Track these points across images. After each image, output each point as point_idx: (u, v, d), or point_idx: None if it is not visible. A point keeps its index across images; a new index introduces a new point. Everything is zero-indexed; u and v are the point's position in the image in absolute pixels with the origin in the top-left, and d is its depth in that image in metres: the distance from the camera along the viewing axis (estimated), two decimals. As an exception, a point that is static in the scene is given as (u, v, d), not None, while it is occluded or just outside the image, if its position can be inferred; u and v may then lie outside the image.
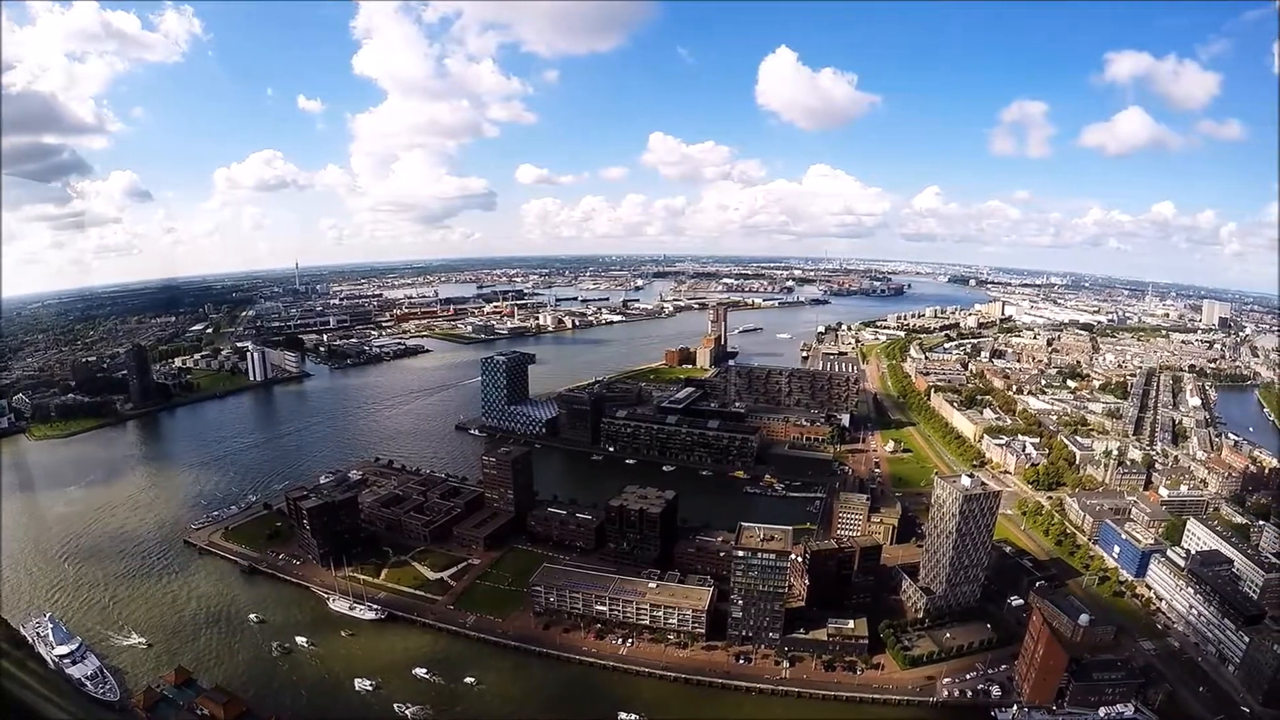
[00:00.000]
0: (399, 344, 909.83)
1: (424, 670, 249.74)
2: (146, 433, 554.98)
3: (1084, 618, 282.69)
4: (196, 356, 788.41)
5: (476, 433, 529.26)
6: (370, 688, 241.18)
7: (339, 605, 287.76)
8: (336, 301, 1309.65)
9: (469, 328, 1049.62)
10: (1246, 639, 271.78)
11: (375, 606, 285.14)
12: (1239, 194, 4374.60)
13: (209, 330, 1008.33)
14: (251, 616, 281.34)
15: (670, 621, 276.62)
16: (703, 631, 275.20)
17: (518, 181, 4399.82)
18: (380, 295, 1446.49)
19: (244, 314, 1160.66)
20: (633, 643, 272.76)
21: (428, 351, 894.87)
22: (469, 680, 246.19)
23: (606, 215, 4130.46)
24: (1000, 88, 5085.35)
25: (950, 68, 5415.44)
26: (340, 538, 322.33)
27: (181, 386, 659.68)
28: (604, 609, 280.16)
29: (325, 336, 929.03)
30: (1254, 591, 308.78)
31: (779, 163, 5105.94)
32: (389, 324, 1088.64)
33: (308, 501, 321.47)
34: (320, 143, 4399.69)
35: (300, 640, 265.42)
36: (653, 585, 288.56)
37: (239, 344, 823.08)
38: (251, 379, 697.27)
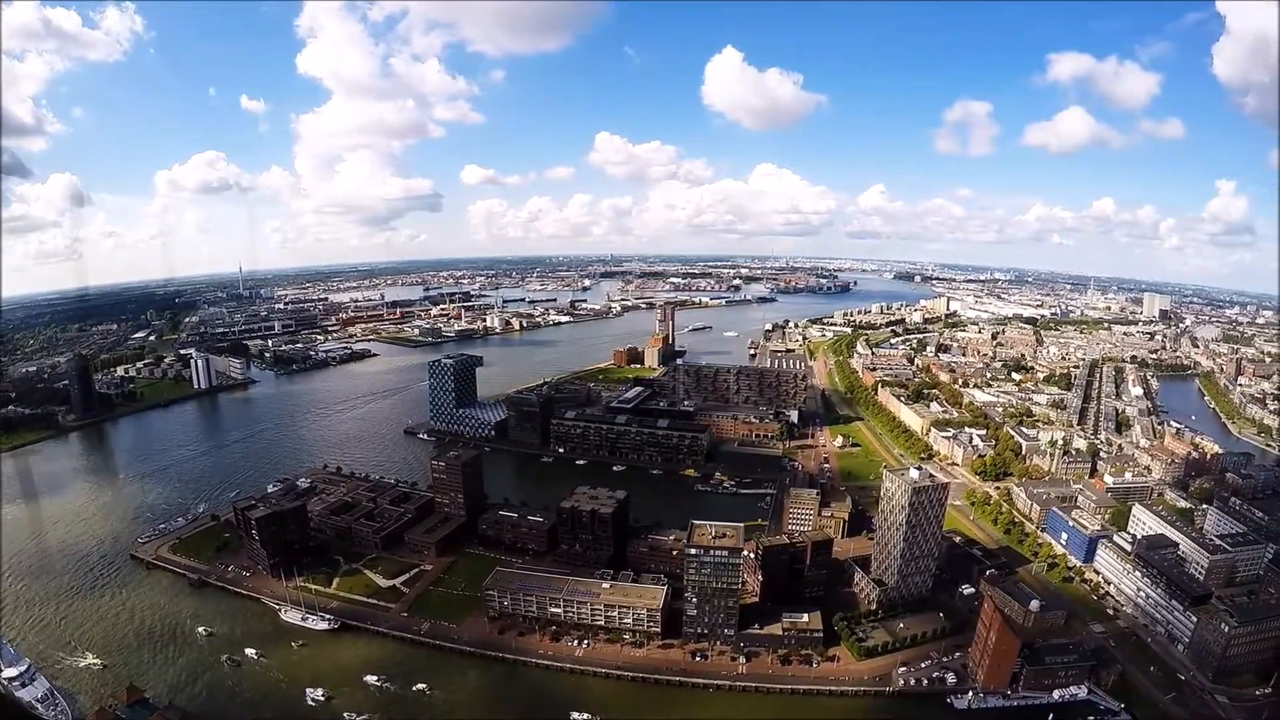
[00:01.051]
0: (345, 348, 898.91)
1: (375, 678, 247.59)
2: (90, 445, 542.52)
3: (1035, 604, 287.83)
4: (140, 365, 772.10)
5: (425, 437, 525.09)
6: (322, 698, 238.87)
7: (291, 616, 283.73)
8: (281, 306, 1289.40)
9: (416, 331, 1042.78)
10: (1194, 619, 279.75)
11: (328, 616, 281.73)
12: (1178, 190, 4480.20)
13: (152, 338, 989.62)
14: (200, 630, 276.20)
15: (625, 621, 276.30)
16: (658, 630, 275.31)
17: (463, 182, 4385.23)
18: (326, 299, 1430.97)
19: (187, 320, 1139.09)
20: (588, 644, 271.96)
21: (374, 355, 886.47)
22: (420, 687, 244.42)
23: (553, 216, 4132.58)
24: (944, 88, 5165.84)
25: (895, 68, 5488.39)
26: (290, 547, 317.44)
27: (125, 396, 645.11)
28: (558, 611, 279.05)
29: (270, 342, 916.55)
30: (1199, 573, 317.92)
31: (725, 162, 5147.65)
32: (335, 328, 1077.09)
33: (256, 511, 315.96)
34: (263, 144, 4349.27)
35: (250, 652, 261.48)
36: (606, 586, 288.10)
37: (182, 351, 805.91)
38: (196, 387, 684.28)
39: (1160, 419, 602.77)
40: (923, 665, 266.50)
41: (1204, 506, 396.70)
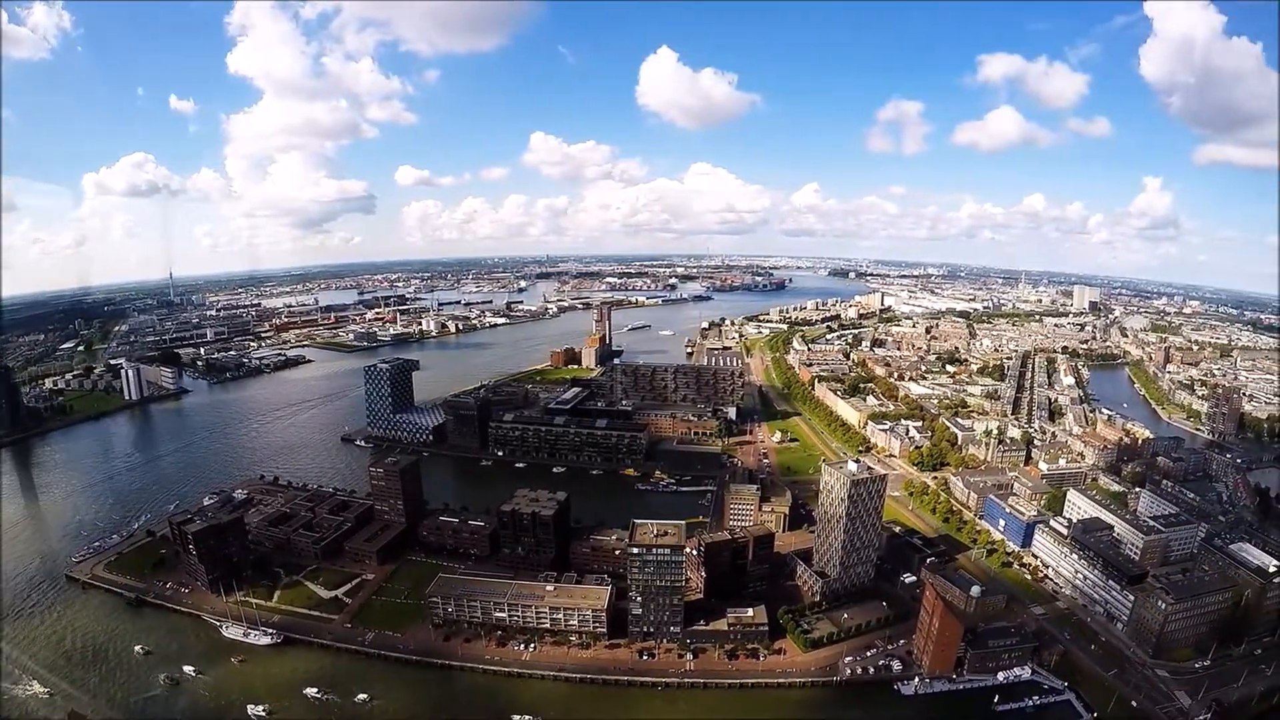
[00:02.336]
0: (279, 355, 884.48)
1: (315, 690, 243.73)
2: (19, 461, 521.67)
3: (975, 589, 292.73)
4: (69, 377, 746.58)
5: (363, 443, 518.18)
6: (262, 713, 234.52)
7: (232, 632, 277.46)
8: (213, 313, 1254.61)
9: (351, 335, 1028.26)
10: (1131, 597, 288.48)
11: (270, 630, 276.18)
12: (1106, 187, 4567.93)
13: (80, 348, 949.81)
14: (137, 648, 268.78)
15: (571, 623, 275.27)
16: (604, 630, 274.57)
17: (398, 183, 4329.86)
18: (259, 305, 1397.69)
19: (117, 329, 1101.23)
20: (535, 647, 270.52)
21: (309, 362, 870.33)
22: (362, 697, 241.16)
23: (488, 217, 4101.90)
24: (877, 87, 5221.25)
25: (828, 68, 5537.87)
26: (228, 561, 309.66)
27: (54, 410, 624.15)
28: (503, 615, 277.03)
29: (202, 350, 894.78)
30: (1134, 553, 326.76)
31: (660, 161, 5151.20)
32: (268, 334, 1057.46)
33: (192, 525, 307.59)
34: (193, 145, 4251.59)
35: (189, 670, 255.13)
36: (550, 588, 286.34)
37: (112, 361, 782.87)
38: (127, 398, 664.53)
39: (1092, 407, 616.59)
40: (868, 654, 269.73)
41: (1136, 490, 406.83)
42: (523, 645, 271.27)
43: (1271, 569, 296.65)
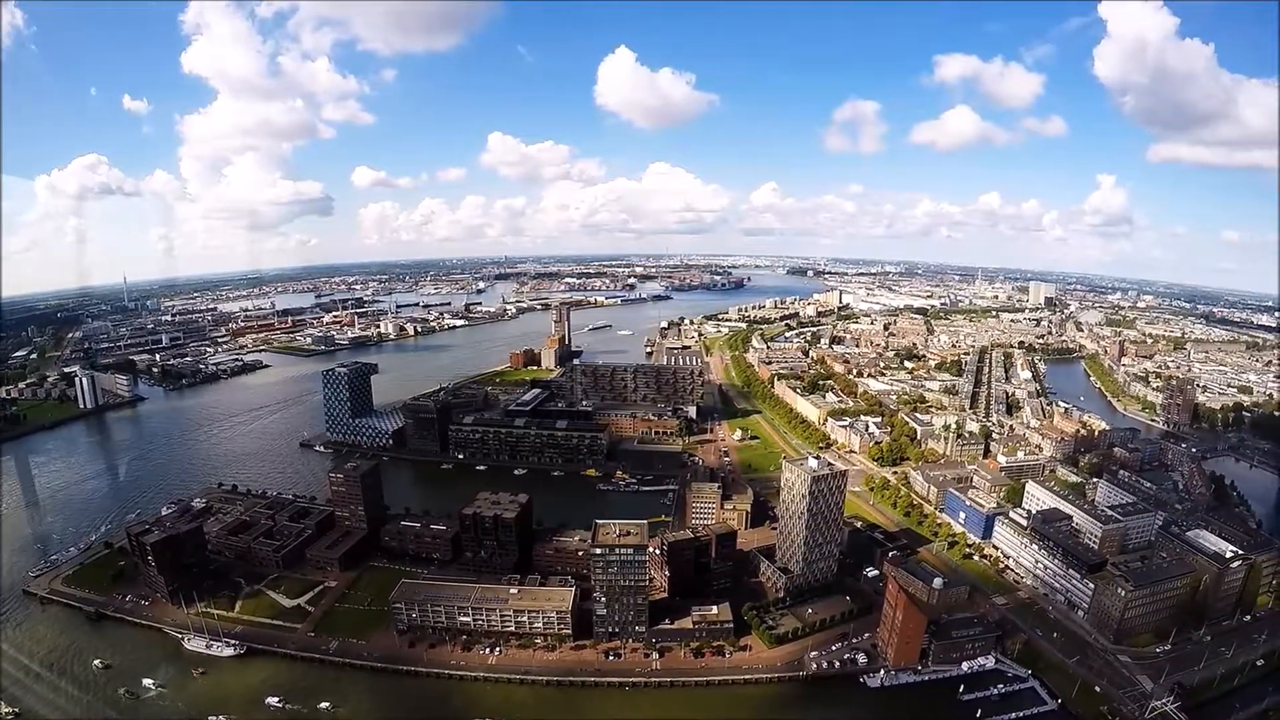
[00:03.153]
0: (236, 360, 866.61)
1: (277, 700, 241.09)
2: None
3: (938, 581, 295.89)
4: (22, 385, 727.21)
5: (322, 449, 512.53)
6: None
7: (195, 644, 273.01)
8: (169, 318, 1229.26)
9: (308, 339, 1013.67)
10: (1092, 586, 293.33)
11: (233, 641, 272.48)
12: (1060, 184, 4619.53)
13: (33, 356, 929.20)
14: (95, 663, 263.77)
15: (536, 625, 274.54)
16: (569, 632, 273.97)
17: (354, 185, 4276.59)
18: (215, 309, 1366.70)
19: (70, 336, 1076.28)
20: (501, 651, 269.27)
21: (266, 367, 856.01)
22: (324, 706, 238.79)
23: (446, 218, 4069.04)
24: (834, 87, 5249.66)
25: (786, 68, 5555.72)
26: (188, 572, 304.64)
27: (7, 419, 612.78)
28: (468, 620, 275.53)
29: (158, 356, 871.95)
30: (1093, 542, 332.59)
31: (619, 161, 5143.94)
32: (225, 339, 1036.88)
33: (150, 536, 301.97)
34: (147, 146, 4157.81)
35: (148, 683, 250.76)
36: (514, 591, 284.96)
37: (66, 369, 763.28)
38: (82, 406, 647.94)
39: (1049, 400, 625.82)
40: (834, 648, 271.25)
41: (1094, 480, 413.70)
42: (488, 649, 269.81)
43: (1228, 554, 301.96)
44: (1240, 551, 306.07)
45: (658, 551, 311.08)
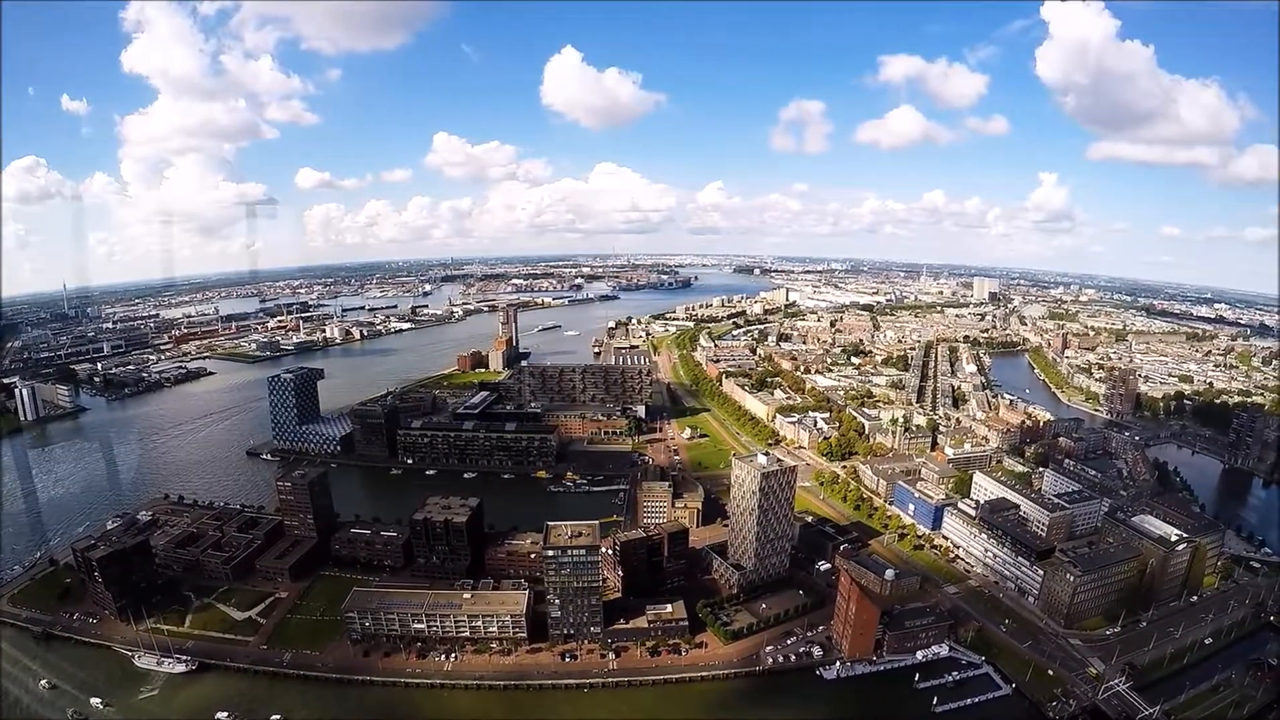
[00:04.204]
0: (180, 368, 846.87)
1: (225, 714, 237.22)
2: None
3: (889, 573, 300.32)
4: None
5: (269, 457, 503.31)
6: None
7: (145, 661, 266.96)
8: (110, 325, 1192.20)
9: (253, 345, 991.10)
10: (1041, 572, 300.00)
11: (185, 658, 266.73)
12: (1003, 182, 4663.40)
13: None
14: (43, 684, 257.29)
15: (490, 630, 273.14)
16: (524, 635, 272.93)
17: (298, 186, 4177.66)
18: (157, 315, 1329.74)
19: (9, 345, 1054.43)
20: (456, 657, 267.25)
21: (211, 374, 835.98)
22: (276, 718, 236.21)
23: (392, 219, 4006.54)
24: (780, 87, 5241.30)
25: (732, 68, 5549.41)
26: (136, 587, 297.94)
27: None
28: (422, 627, 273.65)
29: (100, 365, 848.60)
30: (1041, 530, 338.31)
31: (565, 161, 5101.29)
32: (168, 346, 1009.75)
33: (96, 552, 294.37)
34: (87, 148, 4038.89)
35: (96, 703, 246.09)
36: (468, 596, 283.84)
37: (5, 380, 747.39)
38: (22, 419, 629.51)
39: (994, 392, 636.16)
40: (789, 642, 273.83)
41: (1040, 469, 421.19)
42: (444, 655, 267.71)
43: (1173, 538, 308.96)
44: (1185, 535, 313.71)
45: (610, 552, 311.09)
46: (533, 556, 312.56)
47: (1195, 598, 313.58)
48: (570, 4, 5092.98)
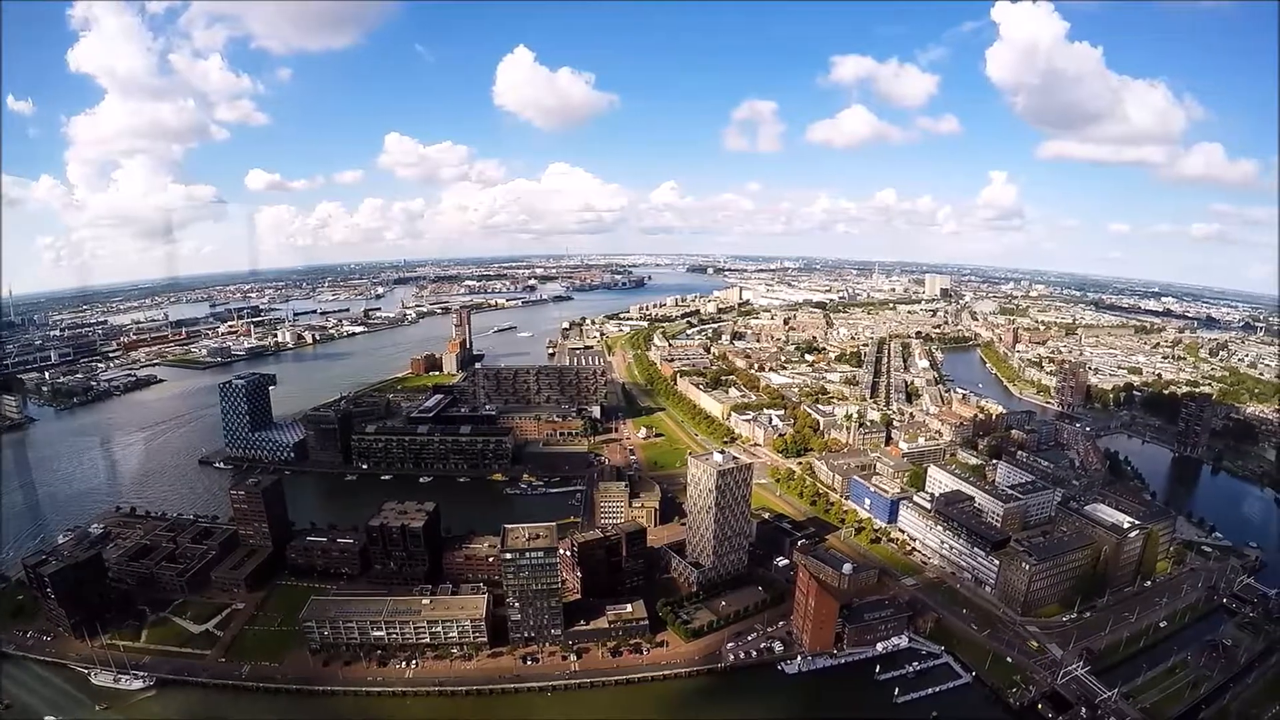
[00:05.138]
0: (130, 376, 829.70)
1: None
2: None
3: (847, 567, 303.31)
4: None
5: (222, 465, 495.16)
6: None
7: (102, 679, 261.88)
8: (58, 333, 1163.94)
9: (204, 351, 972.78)
10: (997, 562, 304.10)
11: (142, 674, 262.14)
12: (954, 180, 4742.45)
13: None
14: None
15: (451, 635, 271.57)
16: (485, 640, 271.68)
17: (248, 188, 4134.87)
18: (105, 322, 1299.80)
19: None
20: (418, 663, 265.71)
21: (161, 381, 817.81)
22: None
23: (343, 221, 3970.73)
24: (733, 87, 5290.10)
25: (685, 68, 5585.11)
26: (90, 602, 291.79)
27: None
28: (381, 634, 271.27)
29: (47, 374, 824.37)
30: (996, 521, 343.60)
31: (518, 162, 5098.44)
32: (117, 354, 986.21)
33: (47, 567, 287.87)
34: (32, 150, 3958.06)
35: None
36: (427, 601, 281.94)
37: None
38: None
39: (947, 387, 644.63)
40: (750, 638, 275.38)
41: (993, 461, 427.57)
42: (404, 663, 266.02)
43: (1126, 525, 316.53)
44: (1137, 522, 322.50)
45: (568, 553, 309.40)
46: (491, 560, 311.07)
47: (1149, 583, 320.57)
48: (523, 4, 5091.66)
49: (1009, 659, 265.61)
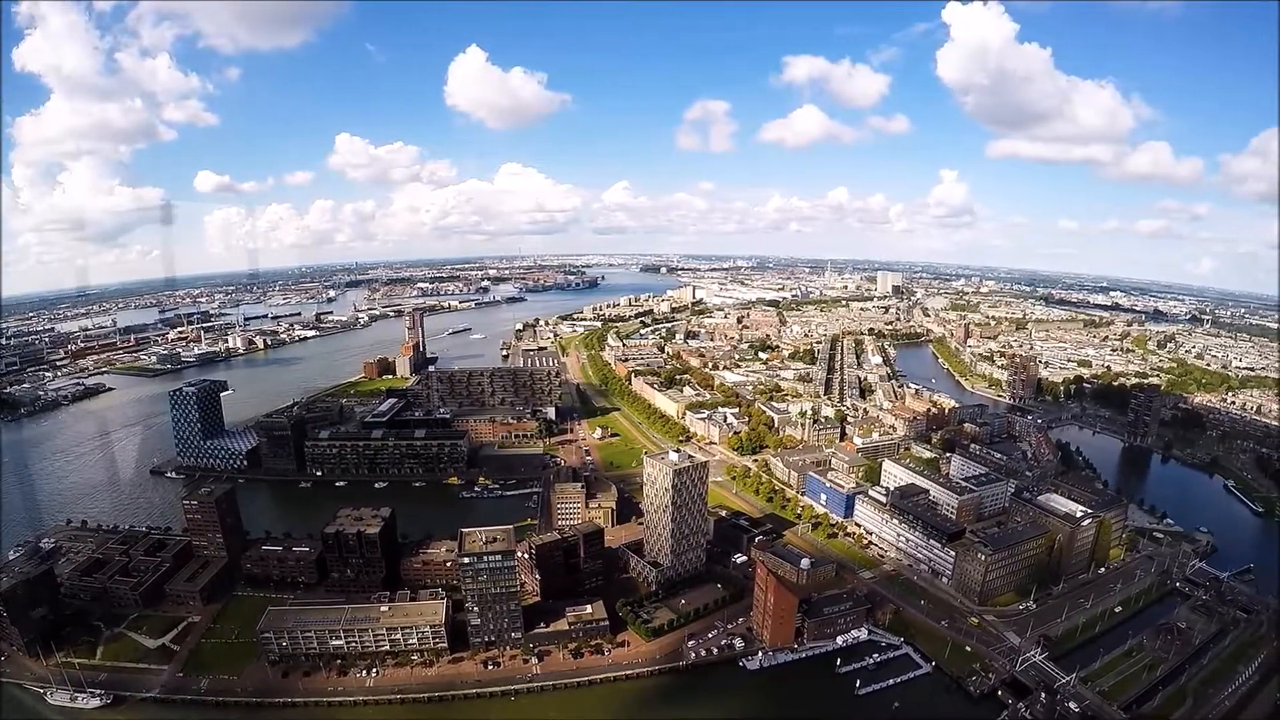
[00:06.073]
0: (78, 384, 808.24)
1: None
2: None
3: (805, 562, 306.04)
4: None
5: (174, 475, 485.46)
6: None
7: (58, 698, 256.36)
8: (2, 342, 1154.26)
9: (153, 358, 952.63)
10: (952, 554, 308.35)
11: (99, 691, 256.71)
12: (905, 179, 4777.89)
13: None
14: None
15: (411, 641, 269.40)
16: (445, 645, 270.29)
17: (197, 190, 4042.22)
18: (52, 330, 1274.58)
19: None
20: (378, 671, 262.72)
21: (110, 390, 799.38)
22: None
23: (294, 224, 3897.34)
24: (685, 87, 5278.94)
25: (636, 67, 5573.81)
26: (44, 620, 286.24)
27: None
28: (340, 643, 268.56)
29: None
30: (951, 513, 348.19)
31: (470, 162, 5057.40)
32: (64, 362, 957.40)
33: None
34: None
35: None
36: (385, 608, 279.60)
37: None
38: None
39: (900, 382, 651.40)
40: (710, 635, 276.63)
41: (947, 455, 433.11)
42: (365, 671, 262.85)
43: (1078, 514, 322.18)
44: (1089, 510, 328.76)
45: (526, 555, 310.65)
46: (449, 565, 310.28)
47: (1103, 569, 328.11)
48: (476, 3, 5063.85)
49: (968, 648, 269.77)
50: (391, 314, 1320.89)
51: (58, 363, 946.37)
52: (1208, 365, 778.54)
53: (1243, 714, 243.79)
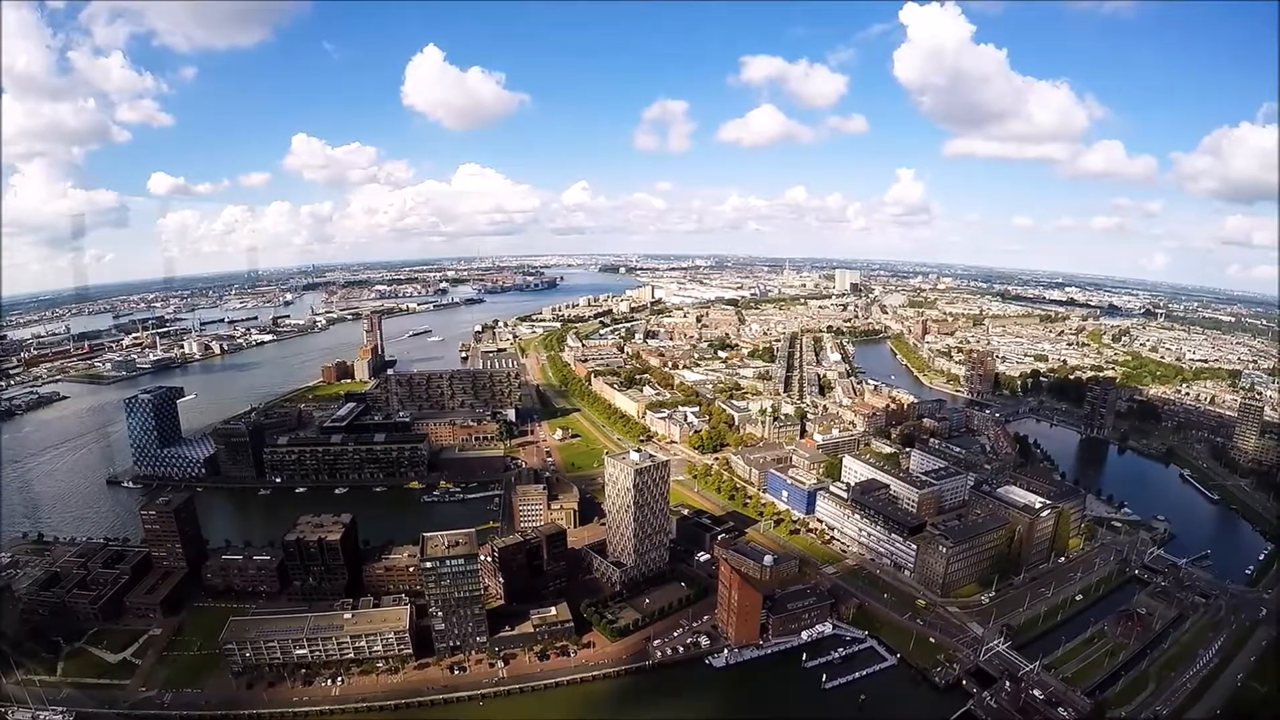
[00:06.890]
0: (31, 393, 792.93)
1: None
2: None
3: (768, 558, 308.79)
4: None
5: (131, 484, 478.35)
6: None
7: (20, 716, 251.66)
8: None
9: (108, 365, 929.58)
10: (914, 547, 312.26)
11: (61, 709, 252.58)
12: (862, 178, 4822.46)
13: None
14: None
15: (375, 649, 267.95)
16: (410, 651, 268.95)
17: (152, 192, 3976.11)
18: (5, 337, 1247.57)
19: None
20: (343, 680, 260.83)
21: (64, 398, 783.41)
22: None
23: (250, 226, 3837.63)
24: (643, 87, 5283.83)
25: (594, 66, 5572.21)
26: (3, 637, 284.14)
27: None
28: (304, 652, 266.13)
29: None
30: (911, 506, 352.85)
31: (428, 163, 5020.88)
32: (17, 370, 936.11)
33: None
34: None
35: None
36: (349, 616, 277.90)
37: None
38: None
39: (859, 379, 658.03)
40: (675, 634, 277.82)
41: (907, 450, 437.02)
42: (330, 680, 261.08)
43: (1037, 505, 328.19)
44: (1048, 502, 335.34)
45: (489, 559, 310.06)
46: (411, 570, 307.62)
47: (1063, 559, 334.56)
48: (433, 3, 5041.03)
49: (932, 639, 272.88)
50: (350, 317, 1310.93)
51: (10, 371, 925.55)
52: (1162, 358, 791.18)
53: (1204, 696, 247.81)
